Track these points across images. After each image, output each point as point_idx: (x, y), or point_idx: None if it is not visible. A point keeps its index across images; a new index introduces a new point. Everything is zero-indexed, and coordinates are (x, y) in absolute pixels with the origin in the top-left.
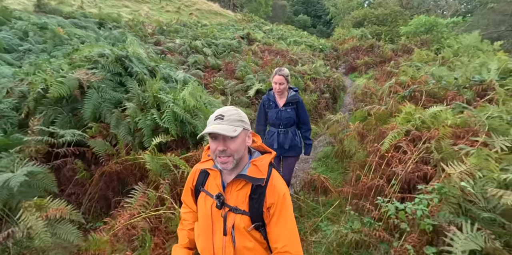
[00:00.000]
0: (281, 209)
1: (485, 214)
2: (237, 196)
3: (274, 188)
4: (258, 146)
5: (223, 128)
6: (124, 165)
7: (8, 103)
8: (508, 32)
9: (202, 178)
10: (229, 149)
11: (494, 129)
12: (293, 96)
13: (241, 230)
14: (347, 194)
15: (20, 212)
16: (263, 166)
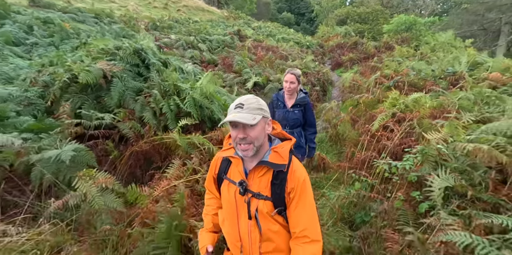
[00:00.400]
0: (300, 194)
1: (455, 165)
2: (259, 182)
3: (295, 173)
4: (278, 133)
5: (243, 116)
6: (152, 145)
7: (34, 92)
8: (480, 31)
9: (224, 166)
10: (249, 137)
11: (463, 107)
12: (302, 98)
13: (264, 215)
14: (343, 169)
15: (76, 180)
16: (284, 152)
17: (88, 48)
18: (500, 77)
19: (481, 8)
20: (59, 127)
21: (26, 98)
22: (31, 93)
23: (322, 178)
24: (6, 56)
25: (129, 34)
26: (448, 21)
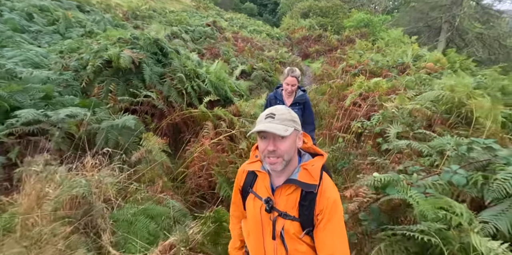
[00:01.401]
0: (330, 216)
1: (403, 120)
2: (286, 200)
3: (324, 193)
4: (309, 148)
5: (275, 127)
6: (181, 118)
7: (69, 75)
8: (425, 28)
9: (250, 179)
10: (279, 150)
11: (408, 86)
12: (301, 96)
13: (290, 235)
14: (325, 135)
15: (143, 140)
16: (315, 170)
17: (95, 37)
18: (433, 66)
19: (425, 7)
20: (100, 104)
21: (64, 80)
22: (66, 76)
23: None
24: (19, 43)
25: (120, 24)
26: (398, 17)
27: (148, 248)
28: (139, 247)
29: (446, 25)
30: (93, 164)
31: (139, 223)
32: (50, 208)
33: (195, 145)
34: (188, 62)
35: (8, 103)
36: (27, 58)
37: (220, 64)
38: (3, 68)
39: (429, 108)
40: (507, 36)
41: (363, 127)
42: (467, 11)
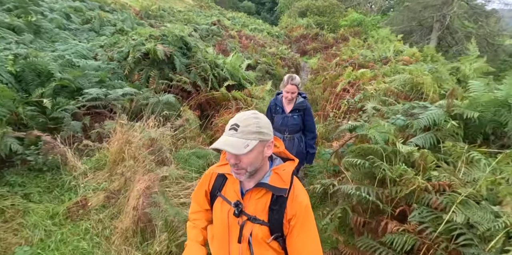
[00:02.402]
0: (303, 221)
1: (378, 98)
2: (256, 204)
3: (296, 199)
4: (280, 152)
5: (233, 144)
6: (205, 99)
7: (114, 64)
8: (417, 27)
9: (219, 183)
10: (242, 163)
11: (386, 74)
12: (301, 102)
13: (258, 240)
14: (319, 115)
15: (182, 111)
16: (286, 175)
17: (126, 34)
18: (408, 59)
19: (418, 7)
20: (141, 87)
21: (111, 69)
22: (112, 66)
23: None
24: (65, 38)
25: (140, 23)
26: (393, 16)
27: (198, 177)
28: (193, 173)
29: (437, 24)
30: (153, 124)
31: (191, 160)
32: (134, 148)
33: (219, 118)
34: (208, 54)
35: (74, 85)
36: (77, 51)
37: (236, 56)
38: (63, 59)
39: (397, 88)
40: (495, 34)
41: (348, 104)
42: (457, 10)
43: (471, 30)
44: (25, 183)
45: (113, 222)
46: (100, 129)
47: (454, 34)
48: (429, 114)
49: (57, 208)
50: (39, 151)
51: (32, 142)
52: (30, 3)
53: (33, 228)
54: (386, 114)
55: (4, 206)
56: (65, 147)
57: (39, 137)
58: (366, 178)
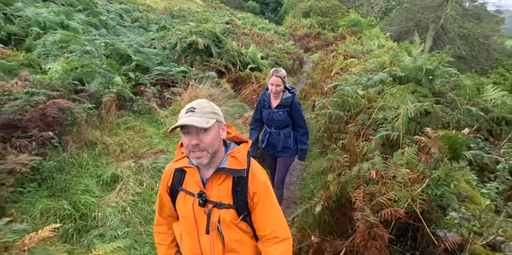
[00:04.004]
0: (264, 197)
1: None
2: (218, 190)
3: (255, 177)
4: (233, 137)
5: (196, 120)
6: (234, 77)
7: (167, 52)
8: (414, 27)
9: (178, 177)
10: (203, 143)
11: (367, 61)
12: (287, 98)
13: (227, 224)
14: (318, 93)
15: (222, 84)
16: (242, 156)
17: (168, 30)
18: (386, 50)
19: (415, 8)
20: (189, 68)
21: (165, 55)
22: (166, 53)
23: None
24: (124, 33)
25: (173, 21)
26: (393, 17)
27: (238, 117)
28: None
29: (432, 25)
30: (208, 87)
31: (236, 106)
32: (203, 96)
33: (245, 89)
34: (233, 45)
35: (144, 65)
36: (138, 42)
37: (254, 47)
38: (132, 47)
39: (372, 68)
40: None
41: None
42: (450, 12)
43: (463, 31)
44: (136, 118)
45: None
46: (167, 92)
47: (448, 34)
48: (380, 76)
49: (157, 131)
50: (141, 100)
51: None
52: (92, 5)
53: (149, 138)
54: (358, 80)
55: (133, 125)
56: (150, 101)
57: (143, 90)
58: (339, 107)
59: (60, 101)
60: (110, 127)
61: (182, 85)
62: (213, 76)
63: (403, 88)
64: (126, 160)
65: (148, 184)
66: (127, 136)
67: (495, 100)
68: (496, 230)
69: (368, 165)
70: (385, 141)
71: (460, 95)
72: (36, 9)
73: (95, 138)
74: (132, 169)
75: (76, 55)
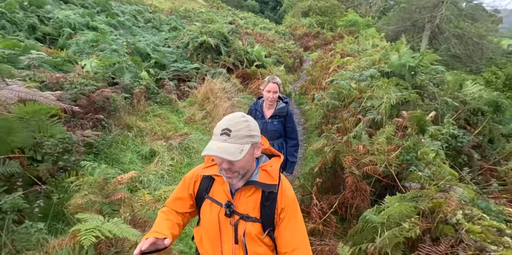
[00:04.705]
0: (291, 214)
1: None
2: (246, 203)
3: (285, 193)
4: (266, 149)
5: (228, 150)
6: (241, 73)
7: (181, 50)
8: (411, 27)
9: (206, 184)
10: (235, 167)
11: (362, 59)
12: (282, 108)
13: (252, 237)
14: (317, 89)
15: (232, 79)
16: (274, 171)
17: (179, 30)
18: (379, 50)
19: (412, 8)
20: (203, 64)
21: (179, 53)
22: (180, 51)
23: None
24: (140, 33)
25: (182, 22)
26: (390, 17)
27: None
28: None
29: (428, 25)
30: (221, 81)
31: (245, 98)
32: (216, 90)
33: (251, 84)
34: (240, 44)
35: (162, 62)
36: (153, 42)
37: (259, 47)
38: (150, 46)
39: (365, 65)
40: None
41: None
42: (445, 12)
43: (457, 31)
44: (160, 108)
45: (210, 124)
46: (183, 86)
47: (443, 34)
48: (370, 71)
49: (179, 119)
50: (163, 92)
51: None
52: (109, 7)
53: (174, 124)
54: (352, 75)
55: (159, 113)
56: (170, 93)
57: (163, 84)
58: (335, 98)
59: (106, 90)
60: (141, 114)
61: (197, 80)
62: (223, 72)
63: (388, 82)
64: (157, 140)
65: (178, 159)
66: (155, 122)
67: (474, 94)
68: (442, 178)
69: (357, 140)
70: (371, 123)
71: (443, 90)
72: (63, 11)
73: (131, 122)
74: (164, 147)
75: (106, 53)
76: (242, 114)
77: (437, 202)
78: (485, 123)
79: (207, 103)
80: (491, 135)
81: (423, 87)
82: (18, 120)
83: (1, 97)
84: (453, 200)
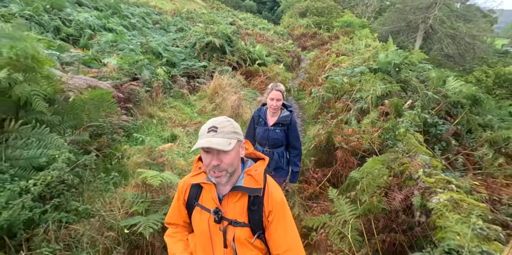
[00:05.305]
0: (279, 215)
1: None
2: (234, 208)
3: (271, 195)
4: (250, 153)
5: (218, 142)
6: (245, 71)
7: (189, 49)
8: (405, 27)
9: (194, 192)
10: (223, 163)
11: (355, 58)
12: (285, 117)
13: (242, 242)
14: (314, 85)
15: (236, 75)
16: (258, 175)
17: (185, 31)
18: (371, 49)
19: (406, 9)
20: (209, 62)
21: (187, 52)
22: (188, 50)
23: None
24: (149, 33)
25: (185, 23)
26: (385, 17)
27: (252, 101)
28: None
29: (422, 25)
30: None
31: (249, 92)
32: (223, 85)
33: (254, 80)
34: (242, 44)
35: (172, 60)
36: (163, 42)
37: (260, 46)
38: (161, 45)
39: (357, 63)
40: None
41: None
42: (438, 13)
43: (450, 31)
44: (175, 100)
45: (220, 115)
46: (193, 82)
47: (436, 34)
48: (360, 68)
49: (192, 110)
50: (176, 87)
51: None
52: (120, 10)
53: (188, 114)
54: (344, 72)
55: (174, 105)
56: (182, 88)
57: (176, 80)
58: (329, 91)
59: (133, 84)
60: (159, 105)
61: (205, 77)
62: (228, 70)
63: (374, 77)
64: (176, 127)
65: (194, 142)
66: (172, 112)
67: (455, 89)
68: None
69: (347, 125)
70: (359, 111)
71: (428, 85)
72: (81, 14)
73: (153, 112)
74: (182, 132)
75: (125, 52)
76: (225, 117)
77: (406, 165)
78: (464, 114)
79: (216, 97)
80: (469, 125)
81: (406, 82)
82: (89, 101)
83: (76, 84)
84: (417, 162)
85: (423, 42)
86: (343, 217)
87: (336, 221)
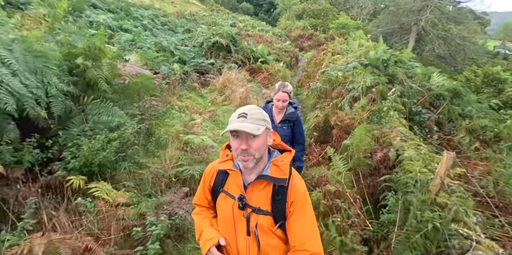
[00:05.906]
0: (301, 207)
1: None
2: (258, 196)
3: (295, 186)
4: (277, 144)
5: (248, 126)
6: (249, 68)
7: (197, 48)
8: (399, 29)
9: (220, 178)
10: (251, 148)
11: (349, 56)
12: (291, 113)
13: (264, 229)
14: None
15: (241, 71)
16: (284, 165)
17: (192, 32)
18: (364, 48)
19: (400, 12)
20: (217, 60)
21: (196, 51)
22: (196, 49)
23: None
24: (159, 34)
25: (192, 25)
26: (380, 19)
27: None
28: (257, 90)
29: (415, 27)
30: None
31: (255, 86)
32: (232, 79)
33: (257, 77)
34: (246, 44)
35: (183, 58)
36: (173, 41)
37: (262, 46)
38: (172, 45)
39: (351, 60)
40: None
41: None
42: (429, 16)
43: (441, 32)
44: (189, 93)
45: (230, 105)
46: (203, 77)
47: (428, 36)
48: (353, 64)
49: (204, 101)
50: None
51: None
52: (131, 12)
53: (202, 104)
54: (339, 67)
55: (189, 96)
56: (194, 82)
57: (188, 75)
58: (325, 83)
59: (157, 76)
60: (177, 96)
61: (214, 73)
62: (235, 66)
63: (365, 70)
64: (194, 113)
65: (210, 127)
66: (188, 102)
67: (438, 83)
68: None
69: (341, 111)
70: (352, 98)
71: (414, 80)
72: (99, 16)
73: (173, 101)
74: (200, 118)
75: (143, 50)
76: (254, 106)
77: (387, 136)
78: (445, 105)
79: (226, 89)
80: (450, 115)
81: (393, 75)
82: (139, 83)
83: (128, 71)
84: (395, 132)
85: (415, 43)
86: (337, 169)
87: (333, 172)
